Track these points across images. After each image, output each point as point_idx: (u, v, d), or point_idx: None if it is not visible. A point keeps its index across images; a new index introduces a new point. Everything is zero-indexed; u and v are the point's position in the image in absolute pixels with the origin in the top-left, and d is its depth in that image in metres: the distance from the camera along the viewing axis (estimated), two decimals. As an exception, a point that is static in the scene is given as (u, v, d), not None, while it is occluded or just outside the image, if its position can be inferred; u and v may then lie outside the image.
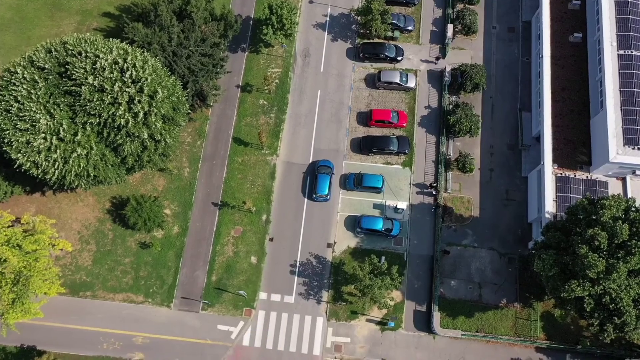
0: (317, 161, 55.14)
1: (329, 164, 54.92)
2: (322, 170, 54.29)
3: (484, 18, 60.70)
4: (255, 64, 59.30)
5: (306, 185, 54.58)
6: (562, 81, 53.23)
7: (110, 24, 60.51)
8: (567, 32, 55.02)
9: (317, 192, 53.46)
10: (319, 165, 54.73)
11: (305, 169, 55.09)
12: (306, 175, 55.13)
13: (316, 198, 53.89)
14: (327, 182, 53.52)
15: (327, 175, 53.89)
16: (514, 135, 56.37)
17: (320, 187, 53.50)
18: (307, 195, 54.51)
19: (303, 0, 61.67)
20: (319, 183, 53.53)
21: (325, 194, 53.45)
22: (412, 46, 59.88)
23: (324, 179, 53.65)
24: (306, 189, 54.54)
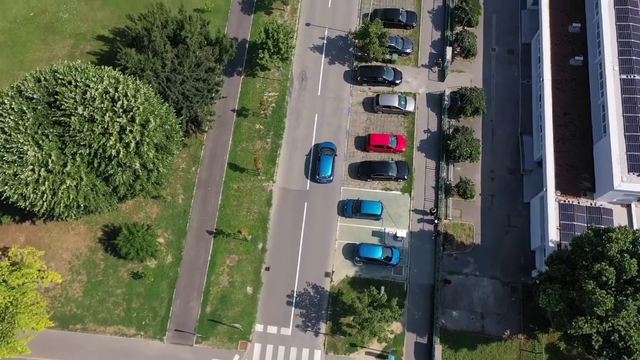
0: (319, 143, 55.30)
1: (331, 145, 54.96)
2: (325, 151, 54.59)
3: (483, 40, 59.93)
4: (252, 87, 58.33)
5: (304, 212, 53.49)
6: (564, 105, 52.30)
7: (104, 48, 59.62)
8: (568, 55, 54.18)
9: (320, 174, 53.62)
10: (322, 147, 54.93)
11: (302, 194, 54.23)
12: (309, 158, 54.88)
13: (319, 179, 53.99)
14: (330, 163, 53.70)
15: (330, 157, 54.01)
16: (515, 160, 55.25)
17: (324, 168, 53.50)
18: (310, 177, 54.37)
19: (299, 22, 61.00)
20: (322, 164, 53.61)
21: (328, 175, 53.63)
22: (411, 69, 58.93)
23: (327, 160, 53.72)
24: (304, 213, 53.50)
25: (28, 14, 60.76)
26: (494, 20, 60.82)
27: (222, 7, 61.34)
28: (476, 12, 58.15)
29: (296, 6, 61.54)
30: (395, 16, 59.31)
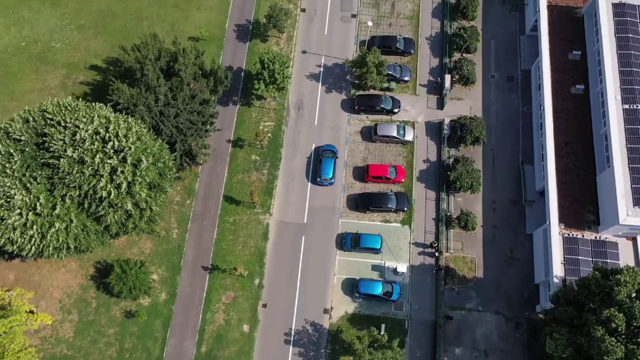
0: (320, 146, 55.09)
1: (332, 148, 54.74)
2: (326, 154, 54.44)
3: (482, 67, 59.02)
4: (247, 117, 57.27)
5: (301, 246, 52.18)
6: (566, 135, 51.32)
7: (97, 78, 58.51)
8: (569, 83, 53.28)
9: (321, 176, 53.47)
10: (323, 150, 54.79)
11: (300, 227, 52.95)
12: (310, 160, 54.80)
13: (321, 182, 53.80)
14: (331, 165, 53.66)
15: (331, 159, 53.97)
16: (516, 190, 54.11)
17: (325, 170, 53.43)
18: (311, 179, 54.14)
19: (296, 50, 60.10)
20: (324, 166, 53.55)
21: (329, 177, 53.47)
22: (409, 97, 57.97)
23: (328, 163, 53.70)
24: (302, 246, 52.19)
25: (20, 44, 59.79)
26: (493, 47, 60.05)
27: (217, 35, 60.49)
28: (474, 39, 57.41)
29: (292, 34, 60.73)
30: (392, 43, 58.51)
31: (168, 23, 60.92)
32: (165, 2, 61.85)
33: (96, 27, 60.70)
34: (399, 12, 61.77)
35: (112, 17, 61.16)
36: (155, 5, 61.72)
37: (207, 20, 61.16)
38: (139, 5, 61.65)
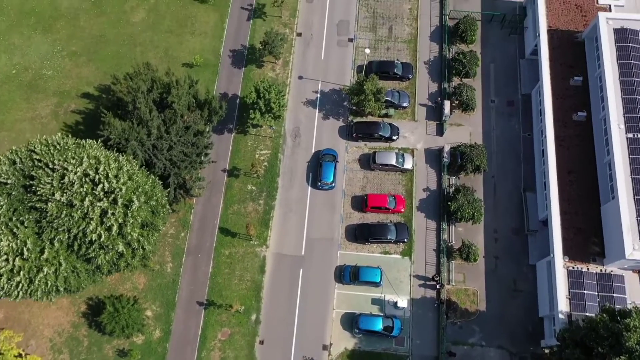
0: (320, 150, 54.90)
1: (333, 152, 54.56)
2: (326, 158, 54.22)
3: (482, 91, 57.96)
4: (243, 145, 56.05)
5: (299, 279, 50.85)
6: (568, 163, 50.16)
7: (89, 106, 57.29)
8: (570, 110, 52.22)
9: (322, 180, 53.25)
10: (324, 154, 54.56)
11: (297, 260, 51.63)
12: (310, 165, 54.57)
13: (321, 186, 53.66)
14: (332, 169, 53.47)
15: (331, 163, 53.80)
16: (519, 219, 52.91)
17: (325, 174, 53.26)
18: (311, 183, 53.83)
19: (292, 76, 58.99)
20: (324, 171, 53.40)
21: (330, 182, 53.28)
22: (408, 123, 56.91)
23: (328, 167, 53.50)
24: (300, 280, 50.88)
25: (10, 72, 58.53)
26: (492, 71, 59.04)
27: (212, 61, 59.37)
28: (474, 64, 56.37)
29: (288, 59, 59.65)
30: (390, 69, 57.45)
31: (162, 49, 59.87)
32: (159, 27, 60.87)
33: (88, 53, 59.61)
34: (397, 35, 60.85)
35: (104, 43, 60.11)
36: (148, 31, 60.70)
37: (201, 45, 60.14)
38: (132, 31, 60.61)
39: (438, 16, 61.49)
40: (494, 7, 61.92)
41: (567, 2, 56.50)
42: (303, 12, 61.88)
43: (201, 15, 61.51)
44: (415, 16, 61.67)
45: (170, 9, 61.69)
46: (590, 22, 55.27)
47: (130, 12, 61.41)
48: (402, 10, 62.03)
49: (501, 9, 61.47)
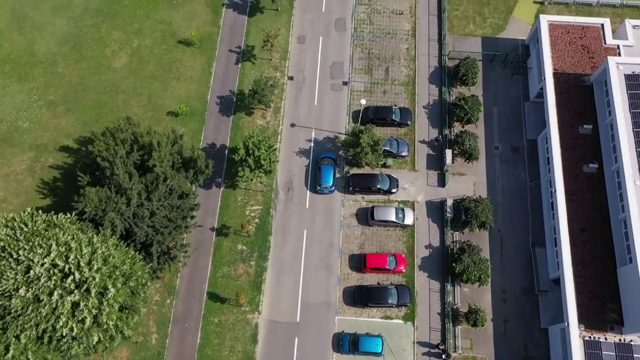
0: (319, 153, 53.81)
1: (331, 155, 53.48)
2: (325, 161, 53.13)
3: (485, 137, 54.74)
4: (232, 201, 52.58)
5: (294, 348, 47.20)
6: (581, 220, 46.94)
7: (68, 160, 53.71)
8: (580, 160, 49.04)
9: (321, 184, 52.03)
10: (322, 157, 53.49)
11: (292, 327, 48.10)
12: (309, 169, 53.38)
13: (321, 190, 52.35)
14: (331, 173, 52.34)
15: (330, 167, 52.68)
16: (528, 277, 49.52)
17: (325, 178, 52.02)
18: (310, 188, 52.47)
19: (283, 123, 55.68)
20: (323, 174, 52.16)
21: (330, 185, 52.12)
22: (407, 173, 53.67)
23: (328, 170, 52.39)
24: (295, 350, 47.24)
25: (-17, 124, 55.41)
26: (495, 114, 55.92)
27: (198, 109, 56.00)
28: (476, 109, 53.17)
29: (279, 104, 56.38)
30: (388, 115, 54.22)
31: (145, 96, 56.45)
32: (142, 73, 57.49)
33: (67, 102, 56.16)
34: (394, 78, 57.70)
35: (84, 91, 56.62)
36: (130, 77, 57.34)
37: (187, 91, 56.81)
38: (113, 78, 57.22)
39: (437, 56, 58.43)
40: (495, 45, 59.04)
41: (572, 42, 53.58)
42: (294, 54, 58.73)
43: (187, 59, 58.29)
44: (412, 57, 58.65)
45: (154, 52, 58.48)
46: (598, 64, 52.39)
47: (111, 57, 58.15)
48: (399, 51, 58.98)
49: (503, 47, 58.57)
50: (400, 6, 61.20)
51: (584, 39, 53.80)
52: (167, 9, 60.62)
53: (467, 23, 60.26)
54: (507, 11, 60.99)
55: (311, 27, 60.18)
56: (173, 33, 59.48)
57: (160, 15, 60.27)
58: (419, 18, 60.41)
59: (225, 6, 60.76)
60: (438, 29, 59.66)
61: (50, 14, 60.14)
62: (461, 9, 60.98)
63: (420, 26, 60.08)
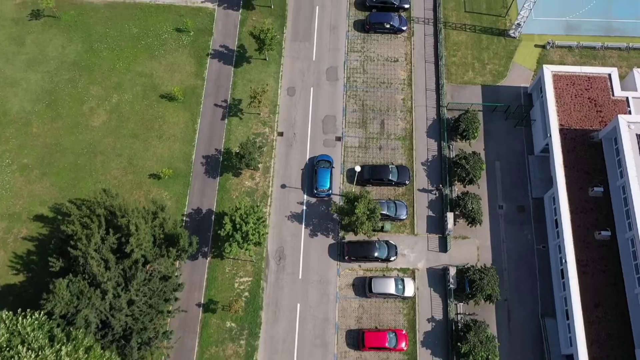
0: (315, 156, 52.52)
1: (328, 158, 52.23)
2: (321, 164, 51.80)
3: (488, 196, 51.43)
4: (220, 272, 48.96)
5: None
6: (594, 294, 43.69)
7: (43, 231, 50.00)
8: (591, 226, 45.84)
9: (318, 187, 50.90)
10: (318, 160, 52.12)
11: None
12: (305, 172, 52.07)
13: (318, 193, 51.20)
14: (328, 175, 51.11)
15: (327, 169, 51.45)
16: (538, 350, 46.11)
17: (321, 181, 50.87)
18: (307, 191, 51.22)
19: (273, 184, 52.13)
20: (320, 177, 51.01)
21: (327, 189, 50.84)
22: (407, 238, 50.31)
23: (324, 173, 51.18)
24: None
25: (-48, 192, 51.79)
26: (498, 170, 52.70)
27: (182, 171, 52.43)
28: (478, 168, 49.96)
29: (269, 163, 52.77)
30: (384, 175, 50.92)
31: (125, 157, 52.84)
32: (122, 131, 53.89)
33: (42, 166, 52.46)
34: (390, 131, 54.43)
35: (60, 152, 52.94)
36: (110, 136, 53.74)
37: (170, 151, 53.26)
38: (91, 137, 53.58)
39: (435, 107, 55.26)
40: (496, 93, 55.87)
41: (578, 95, 50.51)
42: (284, 107, 55.32)
43: (170, 115, 54.83)
44: (409, 108, 55.42)
45: (135, 109, 54.96)
46: (606, 118, 49.36)
47: (89, 115, 54.53)
48: (395, 102, 55.75)
49: (504, 96, 55.41)
50: (394, 53, 58.09)
51: (591, 90, 50.79)
52: (148, 60, 57.27)
53: (465, 70, 57.18)
54: (508, 56, 58.00)
55: (301, 78, 56.90)
56: (155, 87, 56.08)
57: (141, 67, 56.89)
58: (415, 65, 57.26)
59: (210, 56, 57.47)
60: (435, 78, 56.59)
61: (24, 68, 56.59)
62: (459, 54, 57.99)
63: (416, 74, 56.95)
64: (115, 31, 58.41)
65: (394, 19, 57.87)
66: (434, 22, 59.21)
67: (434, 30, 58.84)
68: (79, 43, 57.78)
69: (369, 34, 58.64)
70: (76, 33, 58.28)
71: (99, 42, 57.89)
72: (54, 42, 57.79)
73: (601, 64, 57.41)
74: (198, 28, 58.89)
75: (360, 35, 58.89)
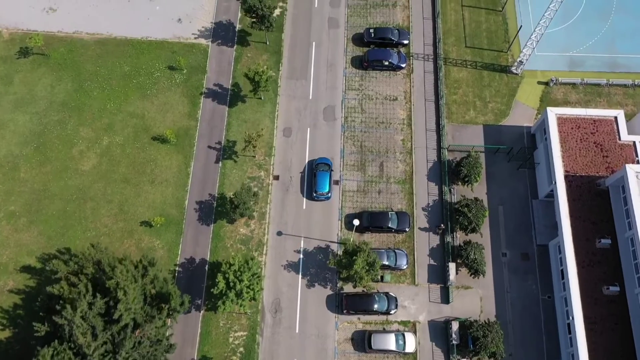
0: (314, 159, 52.42)
1: (327, 161, 52.30)
2: (320, 167, 51.89)
3: (491, 243, 49.66)
4: (214, 326, 47.00)
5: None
6: (603, 354, 41.87)
7: (30, 283, 48.05)
8: (599, 280, 44.14)
9: (317, 191, 51.04)
10: (317, 163, 52.17)
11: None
12: (304, 176, 52.07)
13: (317, 197, 51.13)
14: (327, 179, 51.15)
15: (326, 173, 51.41)
16: (545, 409, 44.91)
17: (320, 184, 50.93)
18: (306, 195, 51.18)
19: (269, 231, 50.33)
20: (319, 181, 51.09)
21: (326, 192, 51.01)
22: (407, 288, 48.54)
23: (323, 176, 51.20)
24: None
25: None
26: (502, 215, 50.99)
27: (175, 217, 50.70)
28: (481, 217, 48.21)
29: (264, 209, 51.14)
30: (384, 222, 49.18)
31: (116, 203, 51.08)
32: (113, 176, 52.11)
33: (29, 213, 50.63)
34: (389, 174, 52.70)
35: (48, 199, 51.14)
36: (100, 181, 51.97)
37: (162, 196, 51.54)
38: (80, 183, 51.80)
39: (435, 149, 53.60)
40: (498, 133, 54.15)
41: (584, 139, 48.86)
42: (280, 149, 53.59)
43: (162, 158, 53.04)
44: (409, 149, 53.76)
45: (126, 152, 53.19)
46: (613, 164, 47.65)
47: (79, 159, 52.77)
48: (394, 143, 54.06)
49: (506, 136, 53.78)
50: (393, 91, 56.42)
51: (597, 134, 49.18)
52: (139, 100, 55.54)
53: (467, 109, 55.56)
54: (510, 94, 56.38)
55: (298, 117, 55.24)
56: (147, 128, 54.37)
57: (133, 107, 55.19)
58: (415, 104, 55.61)
59: (204, 95, 55.76)
60: (436, 117, 54.93)
61: (11, 109, 54.78)
62: (460, 92, 56.34)
63: (416, 114, 55.29)
64: (106, 69, 56.84)
65: (392, 56, 56.33)
66: (434, 59, 57.66)
67: (434, 67, 57.26)
68: (69, 82, 56.18)
69: (367, 71, 57.18)
70: (66, 71, 56.72)
71: (89, 81, 56.31)
72: (43, 81, 56.21)
73: (606, 102, 55.87)
74: (191, 66, 57.31)
75: (358, 73, 57.29)
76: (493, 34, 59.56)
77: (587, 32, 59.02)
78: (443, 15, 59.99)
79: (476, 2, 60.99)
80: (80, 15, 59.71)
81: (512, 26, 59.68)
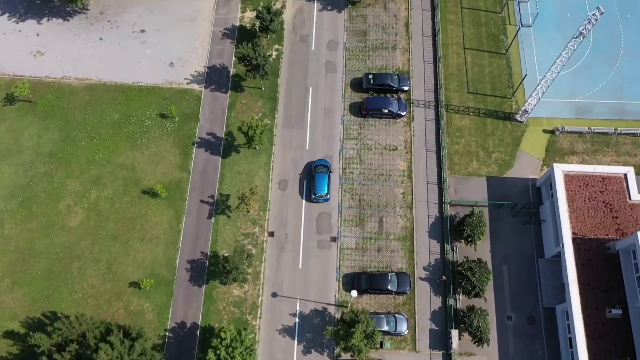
0: (313, 161, 52.47)
1: (325, 162, 52.19)
2: (319, 169, 51.78)
3: (495, 305, 47.54)
4: (205, 397, 45.56)
5: None
6: None
7: (13, 350, 45.81)
8: (610, 354, 41.85)
9: (316, 192, 50.87)
10: (316, 165, 52.16)
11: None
12: (303, 178, 51.92)
13: (316, 199, 51.01)
14: (325, 180, 51.13)
15: (325, 174, 51.42)
16: None
17: (319, 186, 50.84)
18: (305, 197, 51.11)
19: (264, 292, 48.00)
20: (318, 182, 50.98)
21: (325, 194, 50.91)
22: (408, 355, 46.05)
23: (322, 178, 51.19)
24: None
25: None
26: (506, 275, 48.83)
27: (166, 278, 48.55)
28: (485, 281, 46.02)
29: (259, 268, 49.03)
30: (383, 284, 46.84)
31: (104, 263, 48.89)
32: (101, 232, 49.87)
33: (13, 273, 48.35)
34: (389, 230, 50.55)
35: (34, 257, 49.01)
36: (87, 238, 49.72)
37: (152, 255, 49.34)
38: (67, 240, 49.59)
39: (437, 203, 51.55)
40: (502, 185, 51.96)
41: (592, 198, 46.77)
42: (275, 203, 51.46)
43: (152, 213, 50.92)
44: (409, 203, 51.66)
45: (115, 206, 51.06)
46: (623, 226, 45.47)
47: (65, 214, 50.60)
48: (394, 196, 51.91)
49: (511, 188, 51.63)
50: (393, 140, 54.34)
51: (606, 193, 47.08)
52: (129, 150, 53.46)
53: (469, 160, 53.49)
54: (514, 143, 54.26)
55: (294, 169, 53.17)
56: (137, 181, 52.22)
57: (122, 158, 53.06)
58: (415, 155, 53.44)
59: (196, 145, 53.66)
60: (437, 169, 52.77)
61: (-4, 161, 53.25)
62: (462, 142, 54.24)
63: (417, 165, 53.16)
64: (94, 117, 54.72)
65: (392, 104, 54.25)
66: (435, 105, 55.57)
67: (436, 114, 55.18)
68: (56, 131, 54.07)
69: (366, 118, 55.27)
70: (53, 120, 54.61)
71: (77, 129, 54.24)
72: (29, 130, 54.09)
73: (614, 152, 53.74)
74: (183, 113, 55.21)
75: (357, 120, 55.22)
76: (496, 78, 57.52)
77: (594, 77, 56.90)
78: (445, 59, 57.96)
79: (479, 45, 59.03)
80: (68, 58, 57.67)
81: (516, 70, 57.61)
